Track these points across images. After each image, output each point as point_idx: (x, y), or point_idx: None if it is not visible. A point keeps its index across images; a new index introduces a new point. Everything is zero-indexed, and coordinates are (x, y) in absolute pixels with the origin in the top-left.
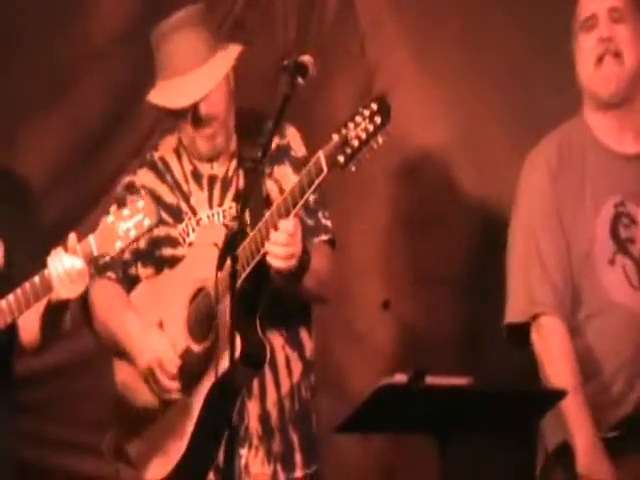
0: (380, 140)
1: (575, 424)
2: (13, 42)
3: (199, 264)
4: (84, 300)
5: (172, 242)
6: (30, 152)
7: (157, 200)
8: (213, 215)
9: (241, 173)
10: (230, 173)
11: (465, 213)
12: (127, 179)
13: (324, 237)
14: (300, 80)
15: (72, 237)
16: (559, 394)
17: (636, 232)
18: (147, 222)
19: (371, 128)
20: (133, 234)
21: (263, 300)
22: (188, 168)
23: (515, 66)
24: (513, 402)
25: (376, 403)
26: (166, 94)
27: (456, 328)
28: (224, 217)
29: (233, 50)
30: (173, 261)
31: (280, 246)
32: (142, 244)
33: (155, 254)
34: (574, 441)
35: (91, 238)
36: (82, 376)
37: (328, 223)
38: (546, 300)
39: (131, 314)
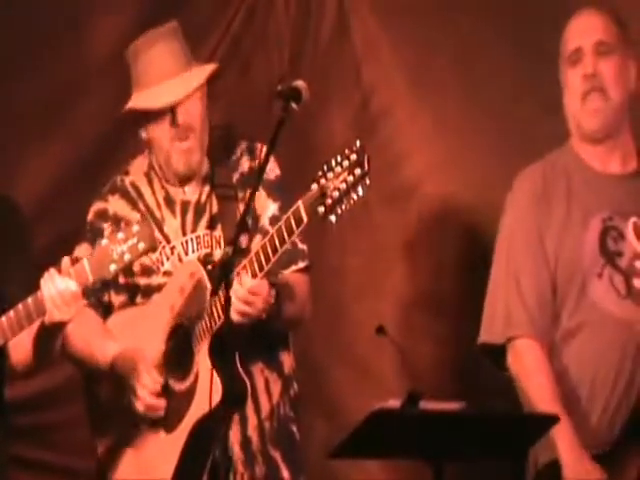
0: (360, 192)
1: (560, 440)
2: (9, 62)
3: (175, 298)
4: None
5: (146, 271)
6: (25, 175)
7: None
8: (187, 242)
9: (214, 199)
10: (203, 198)
11: (459, 236)
12: (98, 206)
13: (301, 264)
14: (294, 105)
15: (65, 260)
16: (552, 419)
17: (624, 246)
18: (142, 246)
19: (351, 179)
20: (128, 258)
21: (241, 337)
22: (160, 194)
23: (509, 91)
24: (506, 427)
25: (369, 428)
26: (144, 99)
27: (454, 351)
28: (198, 243)
29: (208, 67)
30: (148, 290)
31: (239, 301)
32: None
33: (129, 282)
34: (560, 457)
35: (85, 261)
36: (68, 402)
37: (304, 247)
38: (522, 323)
39: (111, 343)
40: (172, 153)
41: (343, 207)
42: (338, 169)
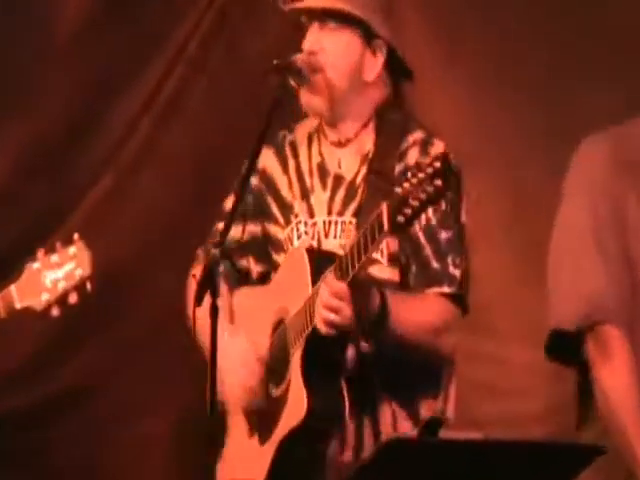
0: (435, 204)
1: None
2: None
3: (285, 286)
4: None
5: (278, 246)
6: None
7: (273, 191)
8: (330, 223)
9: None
10: (358, 180)
11: None
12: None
13: (445, 289)
14: (292, 82)
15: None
16: (596, 450)
17: None
18: (79, 272)
19: (431, 190)
20: (62, 285)
21: (345, 355)
22: (316, 160)
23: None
24: (538, 460)
25: (382, 460)
26: None
27: None
28: (342, 230)
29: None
30: (276, 269)
31: (323, 308)
32: (258, 234)
33: (268, 251)
34: None
35: (13, 287)
36: (51, 422)
37: (457, 272)
38: (609, 304)
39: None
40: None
41: (417, 219)
42: (421, 175)
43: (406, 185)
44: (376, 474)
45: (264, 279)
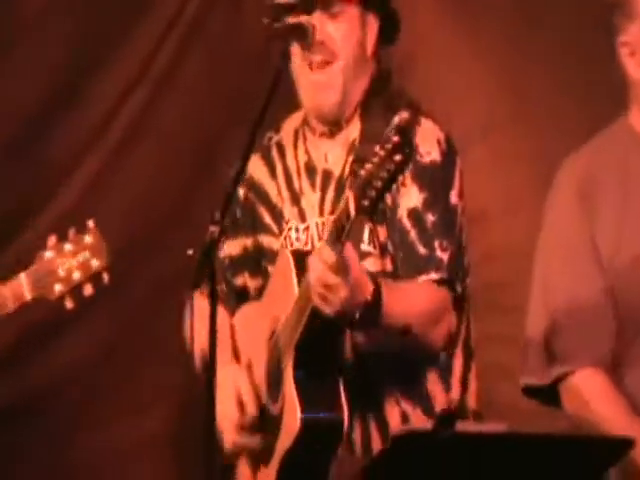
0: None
1: None
2: None
3: (275, 295)
4: None
5: (272, 258)
6: None
7: (263, 199)
8: (324, 224)
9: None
10: (346, 172)
11: None
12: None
13: (433, 276)
14: (297, 46)
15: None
16: (626, 443)
17: None
18: (95, 262)
19: (392, 167)
20: (77, 276)
21: (342, 358)
22: (302, 158)
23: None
24: (564, 454)
25: (395, 455)
26: None
27: None
28: None
29: None
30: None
31: (316, 282)
32: (249, 247)
33: (262, 264)
34: None
35: (23, 277)
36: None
37: (444, 256)
38: (574, 351)
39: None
40: (301, 83)
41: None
42: (381, 152)
43: (368, 166)
44: (387, 469)
45: (261, 294)
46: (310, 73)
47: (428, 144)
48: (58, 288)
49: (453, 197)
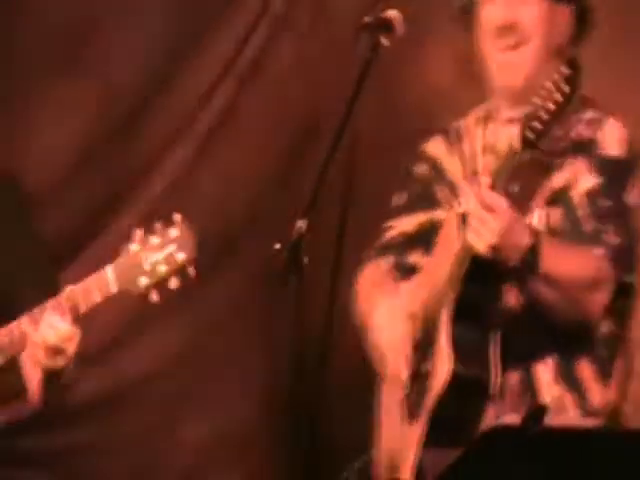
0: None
1: None
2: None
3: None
4: None
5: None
6: (31, 143)
7: (442, 178)
8: None
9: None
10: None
11: None
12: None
13: (597, 251)
14: (384, 41)
15: (70, 291)
16: None
17: None
18: (181, 256)
19: (559, 97)
20: (163, 270)
21: (500, 313)
22: (483, 142)
23: None
24: None
25: (482, 450)
26: None
27: None
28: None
29: None
30: None
31: (472, 217)
32: (425, 223)
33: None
34: None
35: (109, 269)
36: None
37: (613, 240)
38: None
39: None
40: (490, 65)
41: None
42: (547, 84)
43: (535, 100)
44: (472, 468)
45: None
46: (501, 54)
47: (613, 140)
48: (144, 282)
49: (632, 196)
